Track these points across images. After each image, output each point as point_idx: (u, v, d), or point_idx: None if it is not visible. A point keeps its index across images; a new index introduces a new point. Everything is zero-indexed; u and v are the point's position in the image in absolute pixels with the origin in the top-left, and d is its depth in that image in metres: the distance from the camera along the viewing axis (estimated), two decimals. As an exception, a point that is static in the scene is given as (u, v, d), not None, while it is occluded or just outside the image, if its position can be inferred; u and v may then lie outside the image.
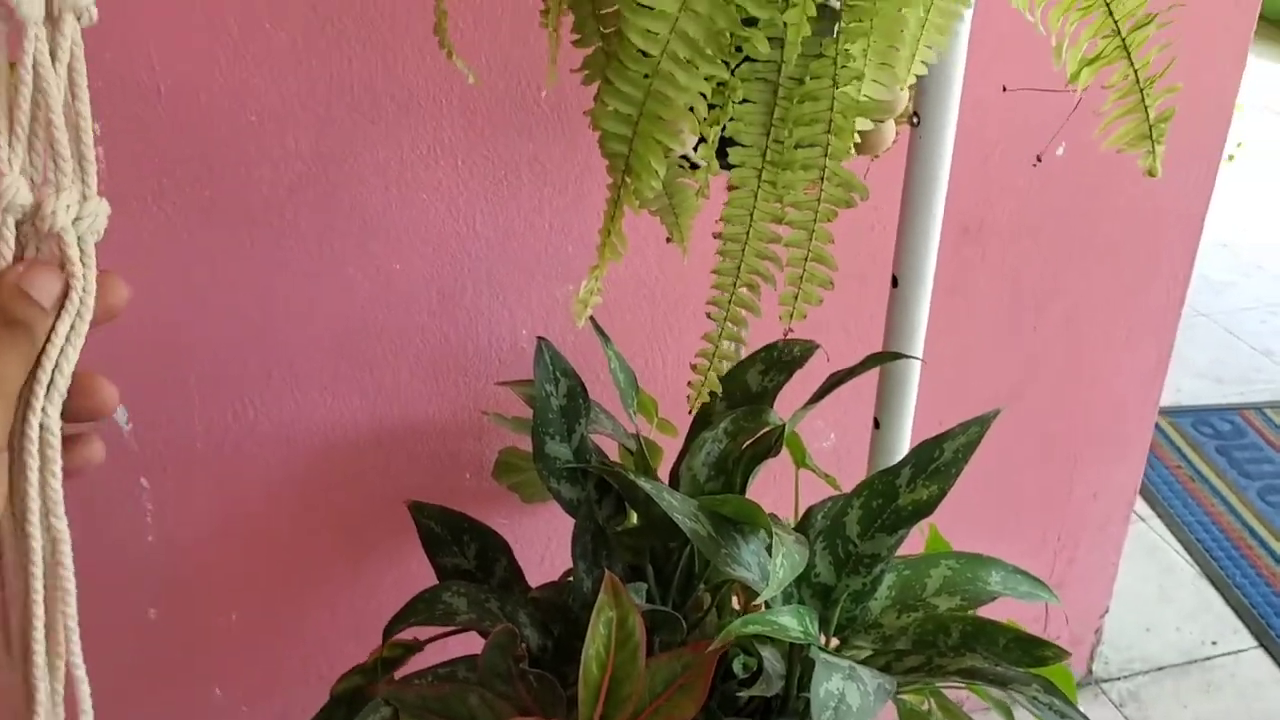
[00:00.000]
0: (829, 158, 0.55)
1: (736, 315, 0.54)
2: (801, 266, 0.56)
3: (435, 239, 0.99)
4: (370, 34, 0.89)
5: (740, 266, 0.53)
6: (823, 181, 0.56)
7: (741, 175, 0.54)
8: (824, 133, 0.55)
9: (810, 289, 0.57)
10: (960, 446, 0.72)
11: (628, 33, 0.50)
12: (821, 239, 0.56)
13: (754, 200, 0.55)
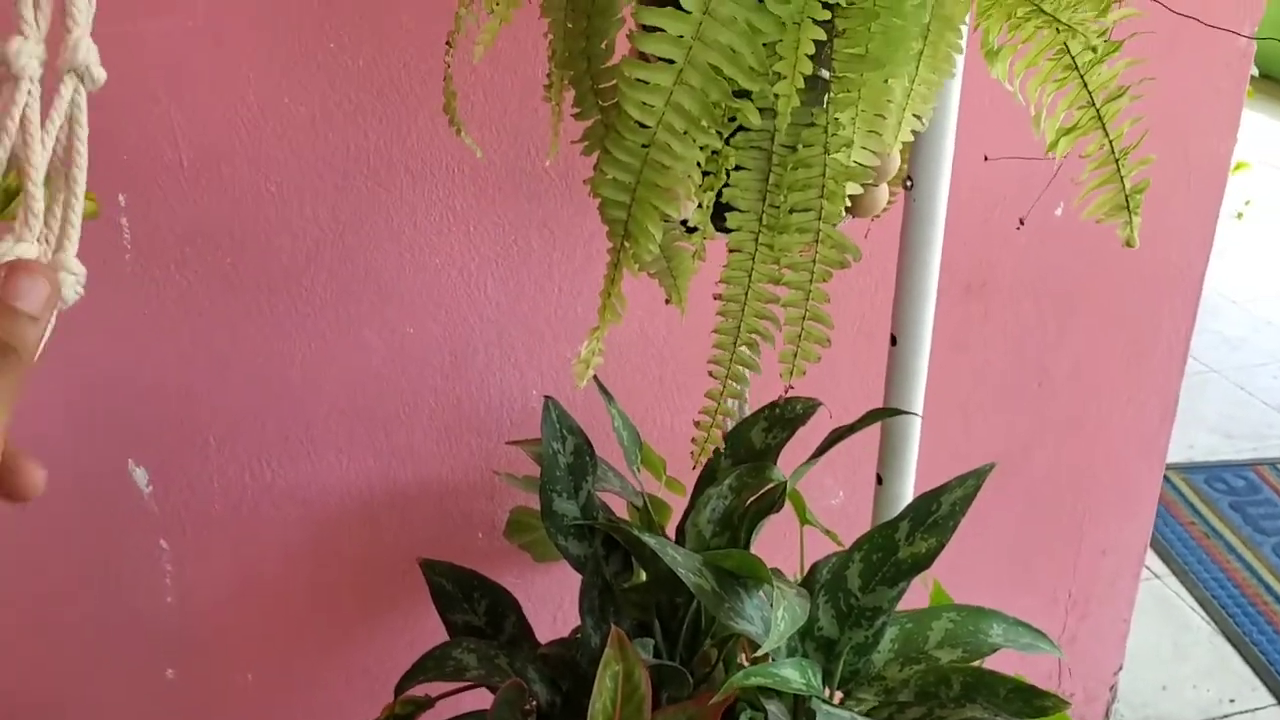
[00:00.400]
0: (822, 221, 0.58)
1: (738, 373, 0.56)
2: (800, 325, 0.58)
3: (448, 303, 1.02)
4: (385, 107, 0.92)
5: (740, 326, 0.56)
6: (817, 244, 0.58)
7: (739, 239, 0.56)
8: (817, 197, 0.57)
9: (809, 347, 0.59)
10: (957, 500, 0.74)
11: (625, 106, 0.52)
12: (818, 299, 0.58)
13: (752, 262, 0.58)
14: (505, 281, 1.03)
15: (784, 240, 0.58)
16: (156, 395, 0.95)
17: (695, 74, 0.52)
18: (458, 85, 0.93)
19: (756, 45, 0.53)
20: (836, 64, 0.56)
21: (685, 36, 0.52)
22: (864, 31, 0.55)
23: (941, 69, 0.59)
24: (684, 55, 0.52)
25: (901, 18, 0.56)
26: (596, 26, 0.55)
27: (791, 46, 0.53)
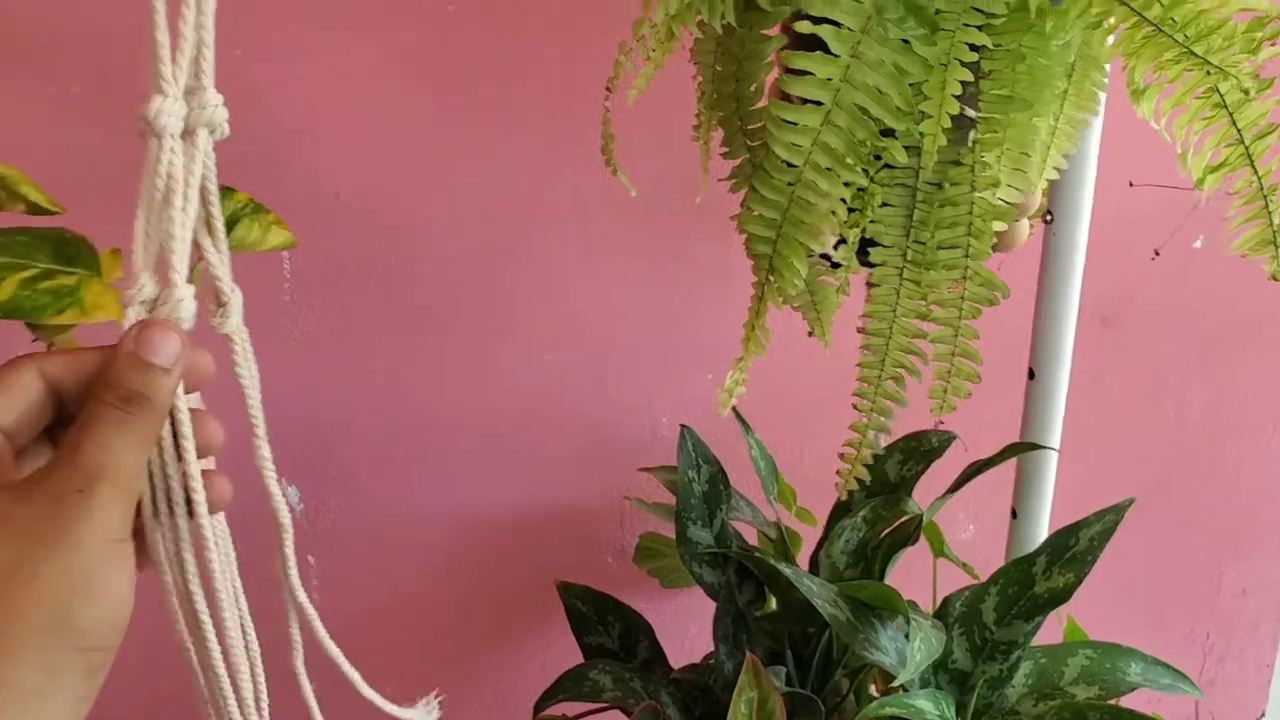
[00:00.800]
0: (970, 258, 0.59)
1: (882, 406, 0.57)
2: (949, 362, 0.59)
3: (584, 330, 1.05)
4: (534, 143, 0.96)
5: (885, 360, 0.57)
6: (965, 281, 0.59)
7: (883, 274, 0.57)
8: (965, 235, 0.58)
9: (958, 383, 0.60)
10: (1095, 535, 0.73)
11: (773, 146, 0.54)
12: (967, 335, 0.59)
13: (896, 297, 0.59)
14: (642, 311, 1.05)
15: (931, 277, 0.59)
16: (311, 418, 1.00)
17: (842, 114, 0.54)
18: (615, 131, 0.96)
19: (903, 86, 0.54)
20: (983, 104, 0.57)
21: (833, 79, 0.53)
22: (1010, 72, 0.56)
23: (1086, 107, 0.60)
24: (831, 97, 0.54)
25: (1047, 58, 0.56)
26: (746, 70, 0.57)
27: (938, 87, 0.54)
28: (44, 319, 0.53)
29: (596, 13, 0.93)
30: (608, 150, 0.56)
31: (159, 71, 0.37)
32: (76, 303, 0.54)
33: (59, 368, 0.39)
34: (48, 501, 0.36)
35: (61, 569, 0.35)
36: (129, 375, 0.38)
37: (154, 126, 0.37)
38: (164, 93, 0.37)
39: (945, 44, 0.54)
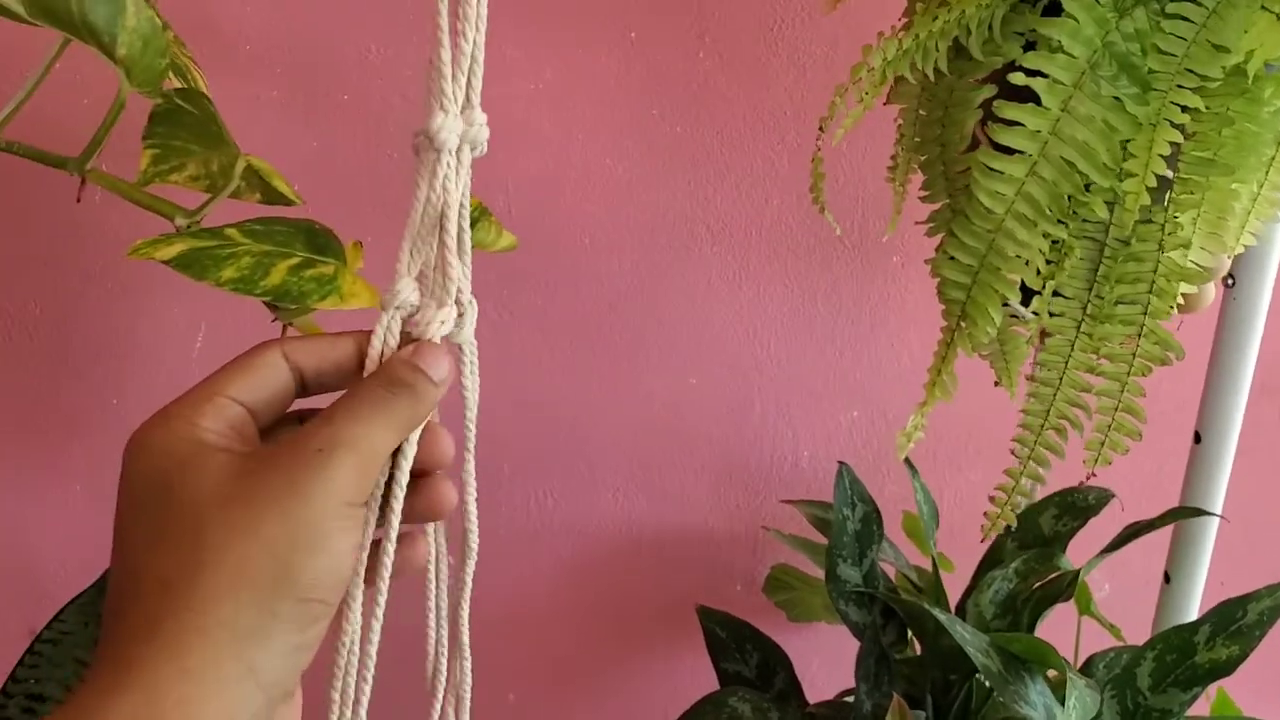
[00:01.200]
0: (1149, 316, 0.58)
1: (1040, 456, 0.57)
2: (1111, 416, 0.59)
3: (731, 358, 1.06)
4: (695, 171, 0.98)
5: (1050, 410, 0.57)
6: (1140, 338, 0.58)
7: (1059, 324, 0.57)
8: (1146, 292, 0.58)
9: (1118, 438, 0.59)
10: (1266, 609, 0.71)
11: (977, 192, 0.54)
12: (1134, 392, 0.59)
13: (1070, 349, 0.59)
14: (788, 342, 1.06)
15: (1105, 330, 0.59)
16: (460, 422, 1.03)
17: (1048, 166, 0.54)
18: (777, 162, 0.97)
19: (1111, 143, 0.54)
20: (1182, 165, 0.56)
21: (1042, 131, 0.53)
22: (1215, 136, 0.55)
23: (1294, 175, 0.59)
24: (1039, 148, 0.54)
25: (1257, 125, 0.55)
26: (952, 116, 0.57)
27: (1145, 146, 0.54)
28: (309, 304, 0.56)
29: (767, 45, 0.94)
30: (817, 189, 0.57)
31: (442, 89, 0.39)
32: (336, 290, 0.58)
33: (301, 353, 0.41)
34: (286, 457, 0.37)
35: (287, 520, 0.36)
36: (401, 369, 0.40)
37: (434, 141, 0.39)
38: (446, 110, 0.39)
39: (1157, 104, 0.54)
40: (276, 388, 0.41)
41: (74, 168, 0.62)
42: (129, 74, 0.58)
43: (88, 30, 0.55)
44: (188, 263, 0.57)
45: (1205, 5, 0.55)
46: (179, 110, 0.62)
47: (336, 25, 0.88)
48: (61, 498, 0.99)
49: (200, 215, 0.63)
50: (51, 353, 0.94)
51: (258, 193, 0.66)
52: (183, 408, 0.39)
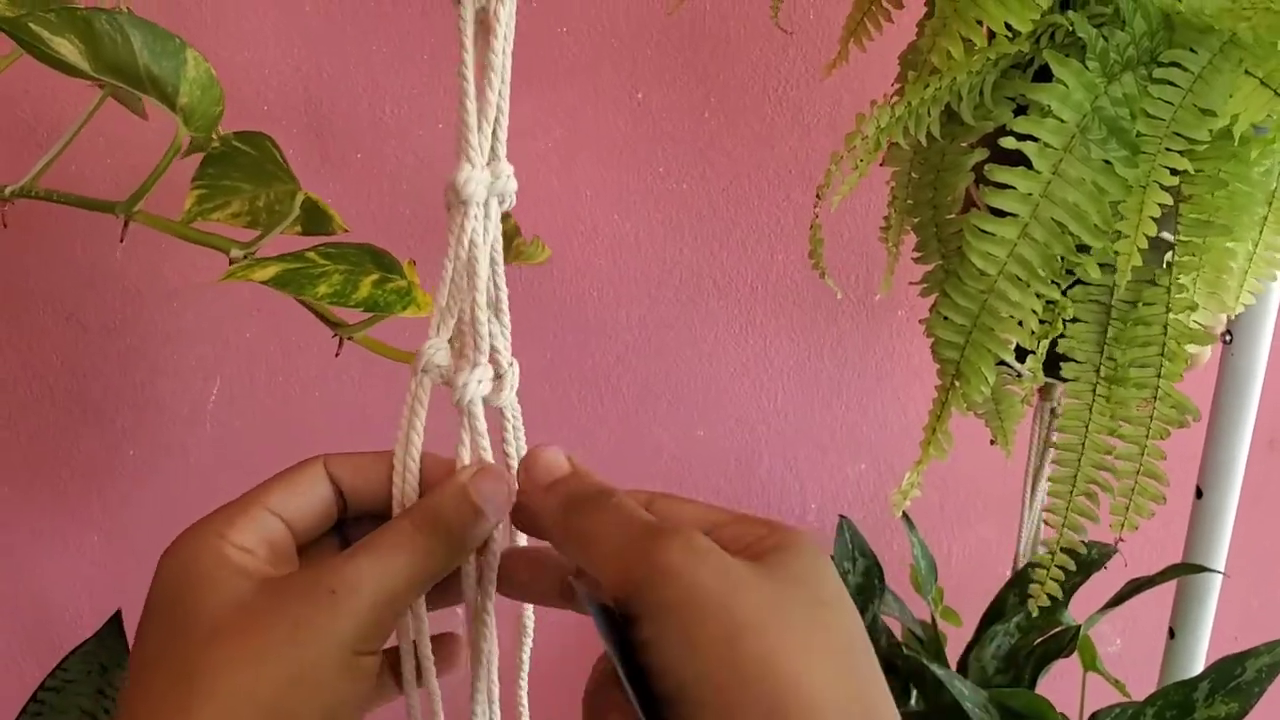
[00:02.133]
0: (1162, 378, 0.59)
1: (1074, 522, 0.58)
2: (1134, 480, 0.59)
3: (738, 410, 1.07)
4: (701, 226, 0.99)
5: (1078, 476, 0.57)
6: (1155, 401, 0.59)
7: (1076, 389, 0.58)
8: (1157, 355, 0.59)
9: (1142, 502, 0.60)
10: (1265, 666, 0.71)
11: (969, 254, 0.56)
12: (1153, 455, 0.59)
13: (1089, 413, 0.59)
14: (794, 395, 1.07)
15: (1121, 394, 0.59)
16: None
17: (1040, 228, 0.55)
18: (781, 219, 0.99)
19: (1102, 205, 0.55)
20: (1181, 228, 0.57)
21: (1033, 194, 0.55)
22: (1209, 198, 0.56)
23: (1286, 235, 0.60)
24: (1030, 211, 0.55)
25: (1249, 185, 0.57)
26: (944, 180, 0.59)
27: (1136, 208, 0.55)
28: (393, 312, 0.61)
29: (771, 106, 0.96)
30: (817, 254, 0.59)
31: (468, 141, 0.38)
32: (414, 301, 0.62)
33: (342, 468, 0.40)
34: (297, 594, 0.35)
35: (283, 664, 0.34)
36: (447, 503, 0.37)
37: (461, 194, 0.38)
38: (473, 163, 0.38)
39: (1146, 166, 0.55)
40: (317, 503, 0.39)
41: (123, 210, 0.64)
42: (187, 120, 0.61)
43: (151, 82, 0.59)
44: (286, 281, 0.60)
45: (1191, 70, 0.56)
46: (235, 151, 0.66)
47: (352, 86, 0.91)
48: (79, 547, 1.00)
49: (258, 245, 0.65)
50: (71, 404, 0.96)
51: (298, 225, 0.69)
52: (218, 518, 0.37)
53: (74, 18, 0.53)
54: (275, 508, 0.38)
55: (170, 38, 0.57)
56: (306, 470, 0.39)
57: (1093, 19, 0.57)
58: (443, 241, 0.47)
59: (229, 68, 0.88)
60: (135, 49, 0.56)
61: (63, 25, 0.53)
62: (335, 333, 0.66)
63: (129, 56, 0.56)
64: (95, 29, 0.54)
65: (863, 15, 0.69)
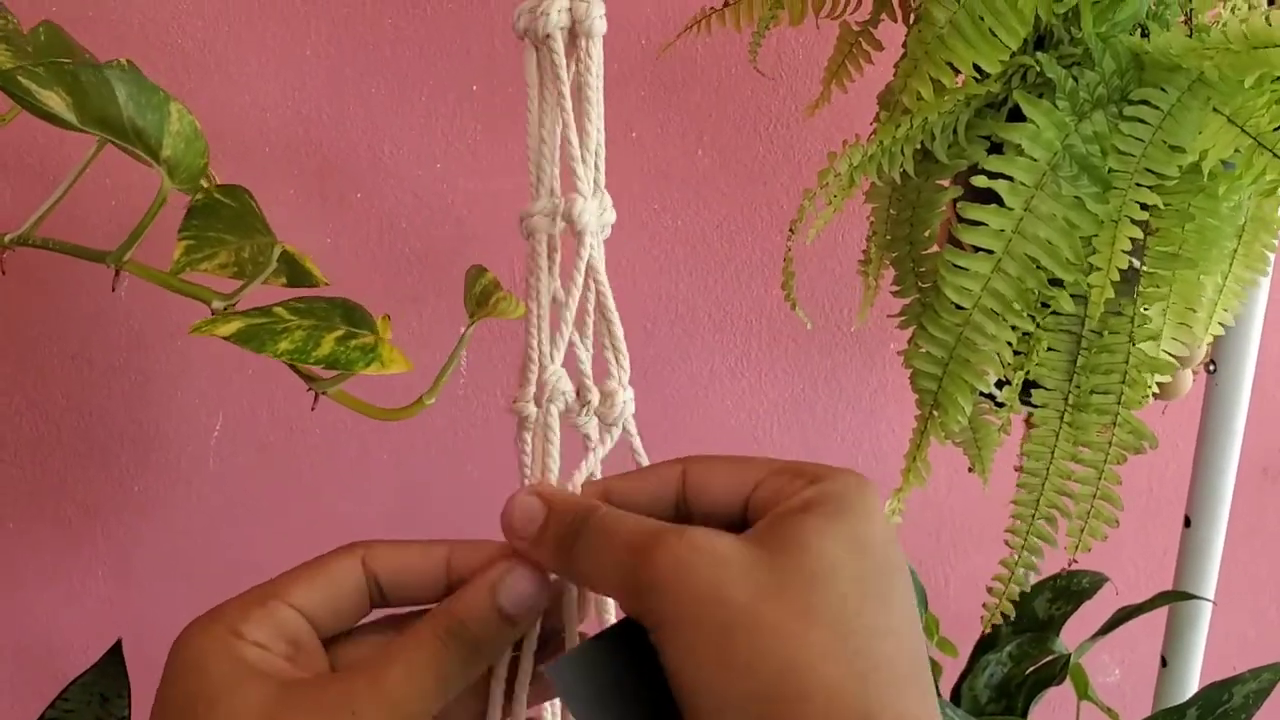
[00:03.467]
0: (1122, 406, 0.60)
1: (1034, 545, 0.59)
2: (1090, 503, 0.60)
3: (734, 443, 1.08)
4: (695, 261, 1.01)
5: (1040, 500, 0.58)
6: (1115, 427, 0.60)
7: (1043, 415, 0.59)
8: (1119, 382, 0.60)
9: (1097, 525, 0.61)
10: (1251, 693, 0.72)
11: (944, 288, 0.57)
12: (1110, 480, 0.60)
13: (1055, 439, 0.61)
14: (790, 428, 1.08)
15: (1082, 419, 0.61)
16: (473, 502, 1.05)
17: (1013, 263, 0.57)
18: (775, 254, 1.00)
19: (1074, 240, 0.57)
20: (1148, 260, 0.59)
21: (1005, 230, 0.56)
22: (1178, 231, 0.58)
23: (1255, 268, 0.61)
24: (1003, 246, 0.56)
25: (1217, 219, 0.58)
26: (920, 216, 0.60)
27: (1109, 242, 0.57)
28: (355, 370, 0.61)
29: (763, 143, 0.98)
30: (789, 286, 0.60)
31: (577, 173, 0.40)
32: (378, 358, 0.62)
33: (382, 559, 0.37)
34: (318, 711, 0.33)
35: None
36: (469, 608, 0.35)
37: (576, 225, 0.40)
38: (584, 194, 0.40)
39: (1117, 202, 0.57)
40: (346, 596, 0.37)
41: (113, 260, 0.66)
42: (171, 173, 0.63)
43: (136, 135, 0.60)
44: (247, 337, 0.61)
45: (1160, 108, 0.58)
46: (216, 204, 0.67)
47: (351, 128, 0.93)
48: (84, 581, 1.02)
49: (238, 298, 0.67)
50: (77, 441, 0.98)
51: (284, 277, 0.70)
52: (231, 611, 0.35)
53: (61, 71, 0.55)
54: (296, 601, 0.36)
55: (155, 90, 0.58)
56: (338, 562, 0.37)
57: (1062, 59, 0.58)
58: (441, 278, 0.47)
59: (231, 110, 0.90)
60: (120, 102, 0.57)
61: (51, 79, 0.54)
62: (309, 387, 0.67)
63: (114, 110, 0.57)
64: (81, 82, 0.55)
65: (843, 57, 0.71)
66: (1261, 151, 0.54)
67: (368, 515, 1.03)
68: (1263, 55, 0.49)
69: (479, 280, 0.75)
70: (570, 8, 0.39)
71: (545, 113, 0.41)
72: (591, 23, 0.39)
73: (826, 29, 0.70)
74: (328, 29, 0.90)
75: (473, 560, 0.37)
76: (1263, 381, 0.83)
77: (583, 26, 0.40)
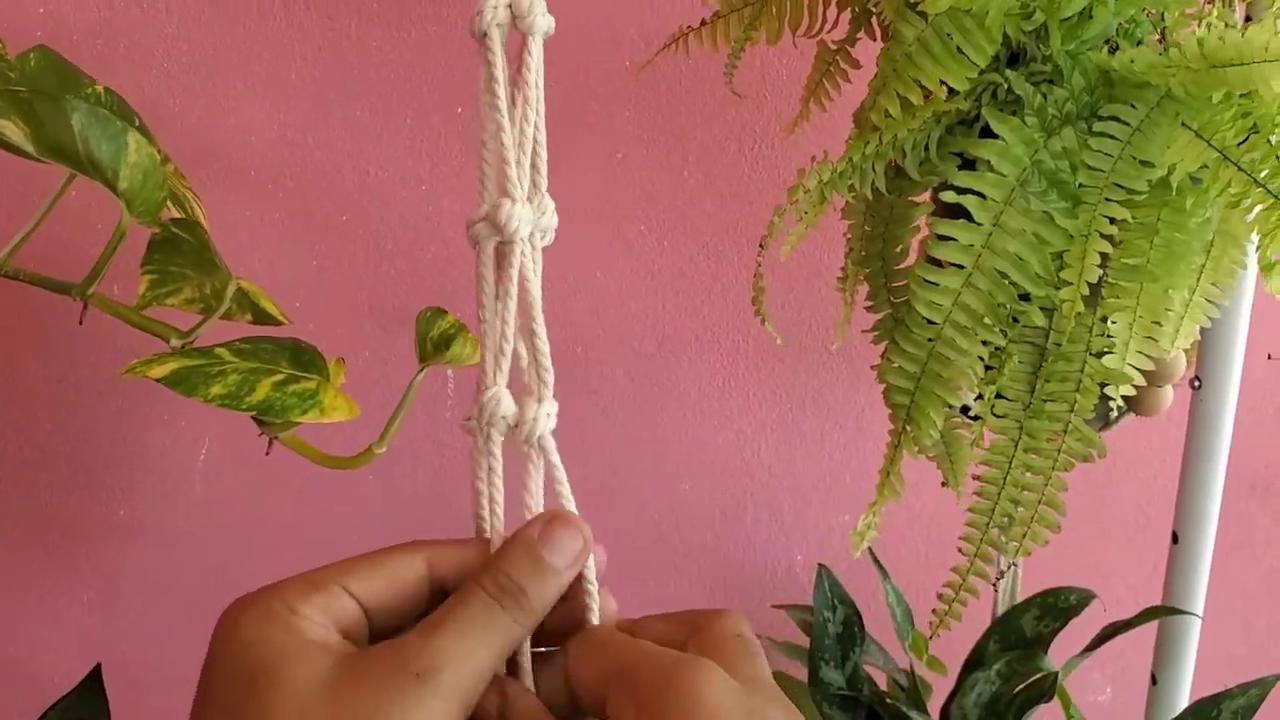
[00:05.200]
0: (1074, 414, 0.60)
1: (986, 554, 0.59)
2: (1034, 509, 0.61)
3: (721, 463, 1.08)
4: (682, 282, 1.01)
5: (995, 509, 0.59)
6: (1065, 435, 0.60)
7: (1003, 425, 0.59)
8: (1073, 390, 0.60)
9: (1038, 530, 0.61)
10: (1239, 709, 0.72)
11: (915, 303, 0.57)
12: (1056, 486, 0.61)
13: (1014, 449, 0.61)
14: (778, 447, 1.08)
15: (1034, 426, 0.61)
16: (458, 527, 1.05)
17: (983, 278, 0.57)
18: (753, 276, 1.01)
19: (1043, 254, 0.57)
20: (1111, 271, 0.59)
21: (975, 245, 0.56)
22: (1144, 245, 0.58)
23: (1223, 283, 0.61)
24: (973, 261, 0.57)
25: (1185, 233, 0.58)
26: (893, 232, 0.60)
27: (1078, 257, 0.57)
28: (291, 418, 0.59)
29: (749, 163, 0.99)
30: (759, 301, 0.60)
31: (509, 176, 0.38)
32: (317, 405, 0.61)
33: (446, 557, 0.38)
34: (379, 677, 0.33)
35: None
36: (517, 565, 0.36)
37: (504, 233, 0.38)
38: (513, 198, 0.38)
39: (1086, 217, 0.57)
40: (405, 593, 0.37)
41: (77, 293, 0.66)
42: (129, 205, 0.62)
43: (92, 166, 0.59)
44: (178, 380, 0.60)
45: (1129, 123, 0.58)
46: (176, 239, 0.67)
47: (337, 150, 0.93)
48: (69, 606, 1.02)
49: (193, 336, 0.67)
50: (62, 466, 0.98)
51: (248, 313, 0.70)
52: (287, 590, 0.35)
53: (18, 100, 0.54)
54: (355, 589, 0.35)
55: (111, 121, 0.57)
56: (400, 555, 0.37)
57: (1031, 77, 0.59)
58: (427, 299, 0.47)
59: (216, 133, 0.91)
60: (75, 132, 0.56)
61: (7, 107, 0.54)
62: (261, 430, 0.67)
63: (69, 140, 0.56)
64: (37, 111, 0.55)
65: (821, 76, 0.71)
66: (1227, 165, 0.54)
67: (355, 538, 1.03)
68: (1221, 74, 0.50)
69: (436, 323, 0.72)
70: (510, 4, 0.38)
71: (489, 116, 0.39)
72: (532, 20, 0.38)
73: (808, 51, 0.71)
74: (313, 52, 0.91)
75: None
76: (1247, 397, 0.83)
77: (523, 24, 0.38)
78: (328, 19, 0.90)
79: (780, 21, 0.68)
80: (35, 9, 0.86)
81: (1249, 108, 0.55)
